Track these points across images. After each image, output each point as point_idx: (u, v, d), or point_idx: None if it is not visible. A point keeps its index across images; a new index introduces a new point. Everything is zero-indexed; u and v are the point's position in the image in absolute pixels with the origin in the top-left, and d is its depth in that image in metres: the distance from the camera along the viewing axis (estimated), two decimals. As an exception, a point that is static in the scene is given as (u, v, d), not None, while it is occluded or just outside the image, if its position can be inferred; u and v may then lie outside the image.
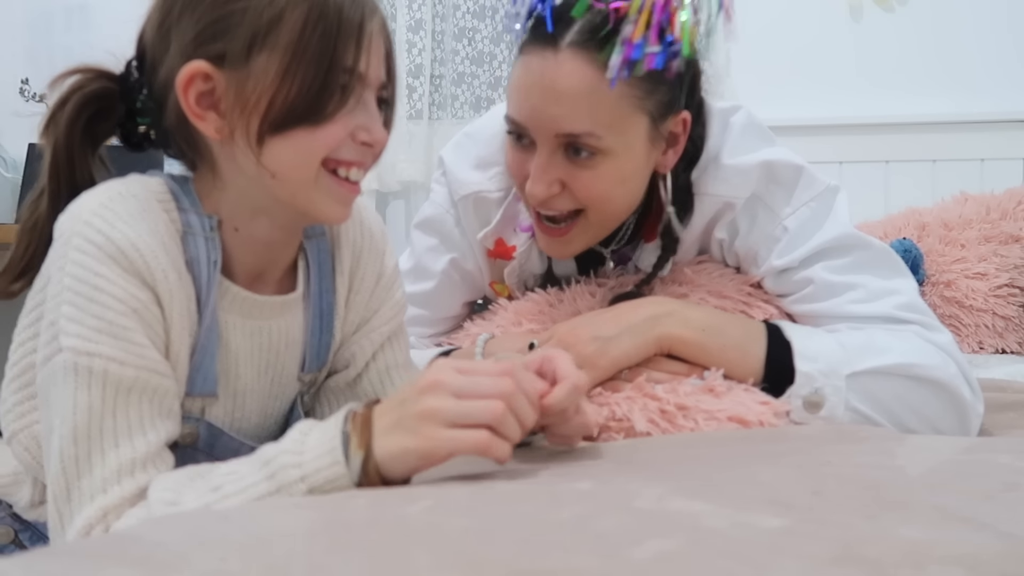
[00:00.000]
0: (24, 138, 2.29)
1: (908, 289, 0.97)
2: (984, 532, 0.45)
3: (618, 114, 0.90)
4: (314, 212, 0.73)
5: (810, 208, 0.98)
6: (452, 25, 2.45)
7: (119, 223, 0.67)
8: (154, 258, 0.67)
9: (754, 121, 1.03)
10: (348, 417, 0.62)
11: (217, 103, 0.68)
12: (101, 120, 0.74)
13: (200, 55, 0.67)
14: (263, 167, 0.69)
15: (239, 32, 0.67)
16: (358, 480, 0.60)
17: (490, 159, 1.08)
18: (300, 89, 0.67)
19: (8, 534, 0.81)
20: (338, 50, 0.68)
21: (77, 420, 0.64)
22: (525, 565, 0.41)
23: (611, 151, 0.91)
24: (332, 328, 0.84)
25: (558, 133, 0.90)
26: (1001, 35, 2.17)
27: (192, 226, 0.72)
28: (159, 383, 0.68)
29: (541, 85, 0.89)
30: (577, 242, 1.00)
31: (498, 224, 1.09)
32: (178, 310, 0.69)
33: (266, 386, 0.81)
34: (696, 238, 1.05)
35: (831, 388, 0.88)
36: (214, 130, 0.69)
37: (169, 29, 0.69)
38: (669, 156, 0.98)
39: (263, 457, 0.62)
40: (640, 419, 0.84)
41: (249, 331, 0.77)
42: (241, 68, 0.67)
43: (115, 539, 0.51)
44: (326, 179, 0.72)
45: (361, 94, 0.71)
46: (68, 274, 0.66)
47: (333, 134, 0.69)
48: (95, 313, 0.65)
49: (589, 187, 0.93)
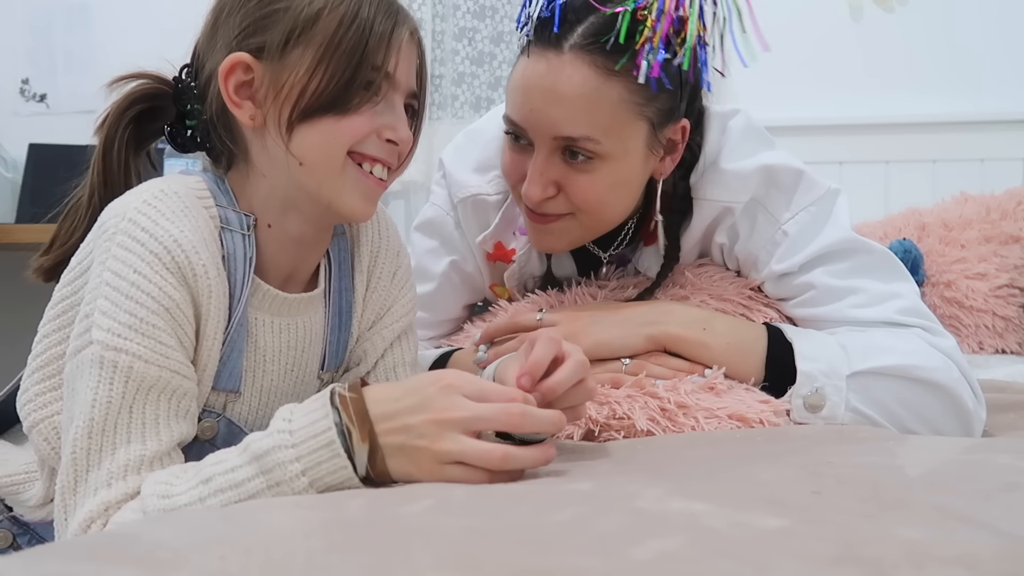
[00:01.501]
0: (24, 138, 2.29)
1: (909, 293, 0.97)
2: (984, 532, 0.45)
3: (618, 119, 0.90)
4: (338, 205, 0.76)
5: (810, 212, 0.98)
6: (452, 25, 2.45)
7: (163, 220, 0.69)
8: (195, 254, 0.70)
9: (753, 124, 1.02)
10: (338, 404, 0.62)
11: (255, 94, 0.73)
12: (150, 120, 0.80)
13: (242, 48, 0.73)
14: (292, 154, 0.73)
15: (279, 28, 0.72)
16: (365, 472, 0.61)
17: (489, 162, 1.08)
18: (329, 81, 0.72)
19: (6, 538, 0.81)
20: (368, 48, 0.72)
21: (95, 414, 0.66)
22: (525, 565, 0.41)
23: (609, 156, 0.91)
24: (350, 326, 0.87)
25: (556, 136, 0.90)
26: (1001, 35, 2.16)
27: (230, 222, 0.76)
28: (179, 384, 0.69)
29: (542, 87, 0.89)
30: (566, 237, 0.99)
31: (497, 227, 1.09)
32: (215, 305, 0.72)
33: (290, 384, 0.83)
34: (696, 242, 1.05)
35: (832, 388, 0.87)
36: (248, 117, 0.74)
37: (218, 27, 0.75)
38: (667, 163, 0.97)
39: (253, 450, 0.62)
40: (641, 417, 0.84)
41: (278, 328, 0.80)
42: (277, 60, 0.72)
43: (114, 538, 0.51)
44: (353, 170, 0.75)
45: (391, 96, 0.76)
46: (108, 269, 0.68)
47: (358, 126, 0.74)
48: (128, 309, 0.67)
49: (585, 191, 0.93)
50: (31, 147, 2.27)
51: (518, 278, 1.12)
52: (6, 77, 2.45)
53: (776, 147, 1.02)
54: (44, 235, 0.83)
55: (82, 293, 0.70)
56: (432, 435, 0.60)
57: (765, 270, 1.00)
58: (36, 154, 2.26)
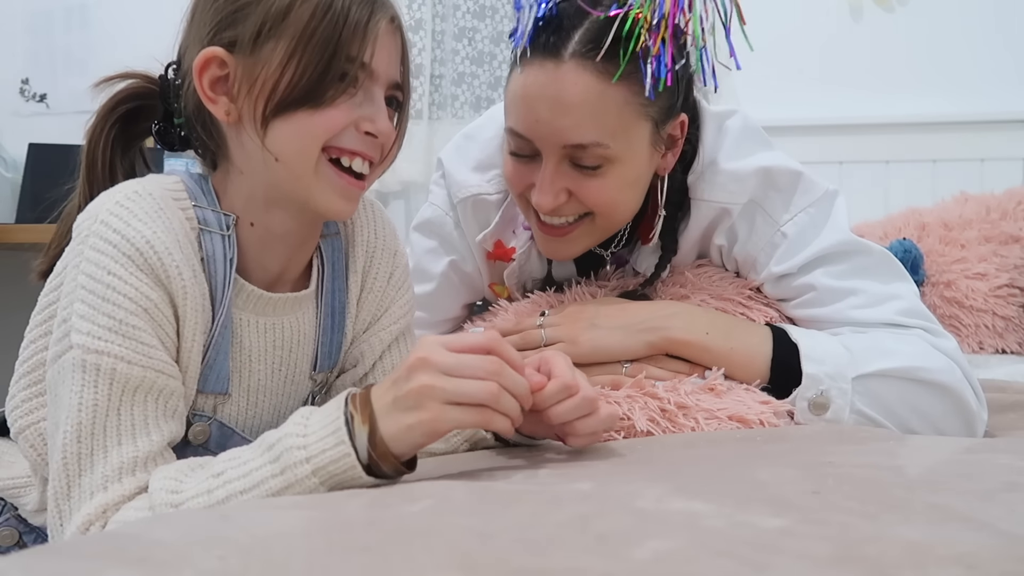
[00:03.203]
0: (24, 138, 2.29)
1: (909, 294, 0.97)
2: (983, 531, 0.45)
3: (623, 122, 0.89)
4: (314, 203, 0.75)
5: (808, 214, 0.98)
6: (452, 25, 2.45)
7: (134, 221, 0.68)
8: (168, 256, 0.69)
9: (750, 125, 1.02)
10: (348, 399, 0.62)
11: (230, 89, 0.72)
12: (140, 120, 0.79)
13: (216, 42, 0.71)
14: (267, 150, 0.72)
15: (252, 19, 0.70)
16: (367, 455, 0.60)
17: (488, 161, 1.08)
18: (303, 74, 0.70)
19: (13, 536, 0.81)
20: (342, 39, 0.71)
21: (82, 417, 0.65)
22: (525, 565, 0.41)
23: (617, 158, 0.91)
24: (344, 327, 0.86)
25: (565, 144, 0.90)
26: (1001, 35, 2.16)
27: (209, 223, 0.75)
28: (165, 383, 0.68)
29: (546, 96, 0.88)
30: (579, 243, 1.00)
31: (497, 226, 1.08)
32: (192, 307, 0.71)
33: (279, 384, 0.82)
34: (695, 243, 1.05)
35: (837, 391, 0.87)
36: (224, 113, 0.73)
37: (192, 22, 0.74)
38: (668, 158, 0.98)
39: (266, 442, 0.63)
40: (641, 418, 0.84)
41: (262, 328, 0.79)
42: (250, 54, 0.71)
43: (114, 538, 0.51)
44: (326, 169, 0.74)
45: (370, 88, 0.74)
46: (83, 272, 0.67)
47: (333, 119, 0.72)
48: (106, 312, 0.66)
49: (597, 195, 0.93)
50: (31, 147, 2.27)
51: (518, 278, 1.12)
52: (6, 77, 2.45)
53: (774, 148, 1.02)
54: (44, 235, 0.82)
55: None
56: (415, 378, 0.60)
57: (764, 271, 1.00)
58: (36, 154, 2.26)
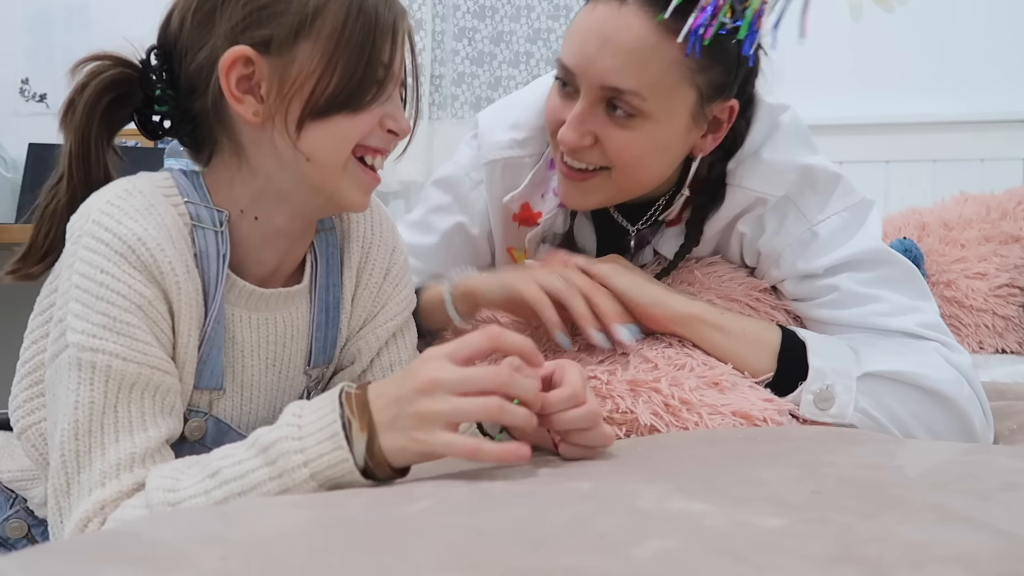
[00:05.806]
0: (24, 138, 2.29)
1: (931, 310, 0.96)
2: (983, 531, 0.45)
3: (667, 80, 0.89)
4: (339, 198, 0.76)
5: (842, 217, 0.97)
6: (452, 25, 2.45)
7: (126, 219, 0.68)
8: (161, 252, 0.69)
9: (800, 124, 1.02)
10: (342, 399, 0.62)
11: (255, 88, 0.71)
12: (119, 107, 0.76)
13: (244, 40, 0.70)
14: (299, 151, 0.72)
15: (284, 20, 0.70)
16: (364, 462, 0.60)
17: (525, 124, 1.07)
18: (342, 78, 0.71)
19: (22, 528, 0.82)
20: (376, 45, 0.72)
21: (79, 415, 0.65)
22: (525, 565, 0.41)
23: (651, 115, 0.90)
24: (338, 322, 0.85)
25: (604, 85, 0.89)
26: (1001, 35, 2.16)
27: (202, 219, 0.75)
28: (161, 380, 0.69)
29: (600, 34, 0.88)
30: (596, 195, 0.98)
31: (526, 188, 1.07)
32: (186, 303, 0.71)
33: (273, 379, 0.82)
34: (717, 232, 1.04)
35: (842, 386, 0.87)
36: (251, 113, 0.72)
37: (211, 14, 0.72)
38: (708, 141, 0.97)
39: (260, 443, 0.62)
40: (644, 411, 0.84)
41: (255, 323, 0.79)
42: (285, 55, 0.70)
43: (114, 537, 0.51)
44: (353, 166, 0.76)
45: (390, 87, 0.75)
46: (76, 271, 0.67)
47: (368, 122, 0.74)
48: (100, 310, 0.66)
49: (621, 147, 0.92)
50: (31, 147, 2.27)
51: (540, 238, 1.11)
52: (6, 77, 2.45)
53: (818, 152, 1.02)
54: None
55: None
56: (419, 403, 0.59)
57: (788, 267, 0.99)
58: (36, 154, 2.26)
